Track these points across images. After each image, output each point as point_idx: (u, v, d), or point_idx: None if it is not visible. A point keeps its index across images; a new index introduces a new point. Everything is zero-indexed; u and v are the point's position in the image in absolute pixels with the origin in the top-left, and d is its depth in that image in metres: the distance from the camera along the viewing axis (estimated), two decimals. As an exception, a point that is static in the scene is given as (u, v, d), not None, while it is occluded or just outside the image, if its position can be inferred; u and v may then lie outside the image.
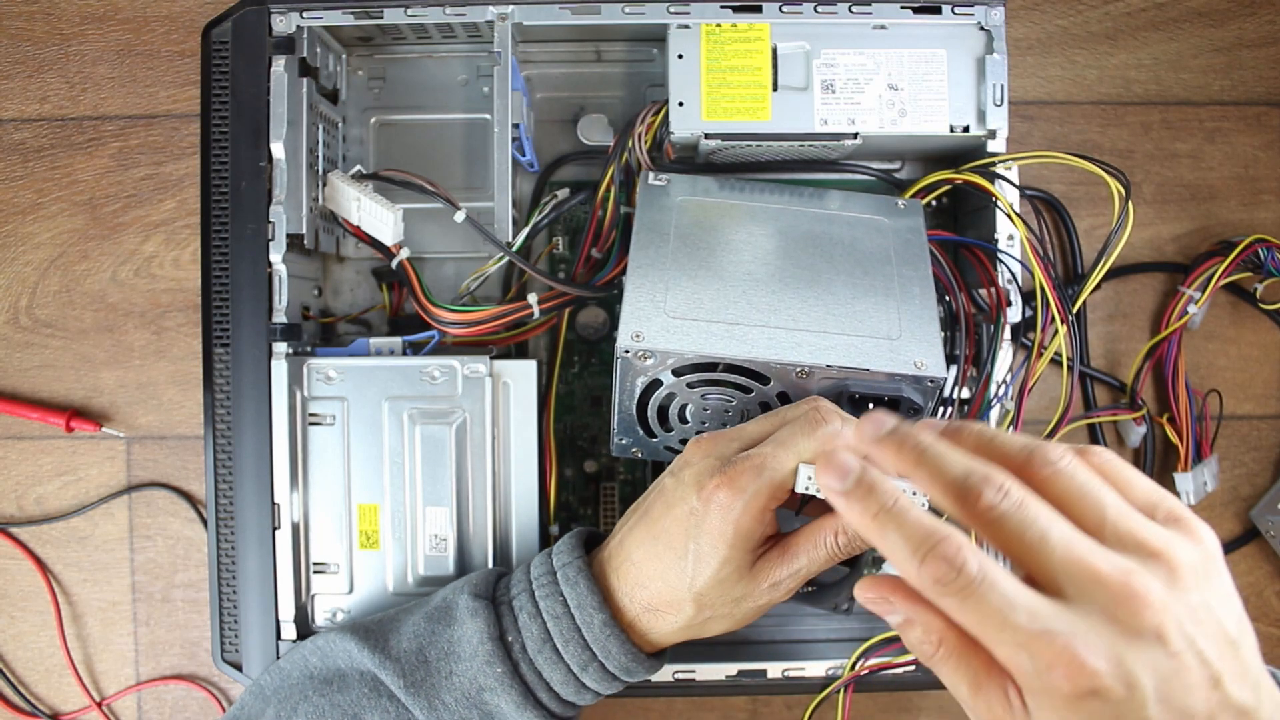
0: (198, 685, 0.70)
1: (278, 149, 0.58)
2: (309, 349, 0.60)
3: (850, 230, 0.57)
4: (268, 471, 0.58)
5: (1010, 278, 0.59)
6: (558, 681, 0.49)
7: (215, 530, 0.60)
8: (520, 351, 0.66)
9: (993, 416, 0.59)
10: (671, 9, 0.59)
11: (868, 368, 0.49)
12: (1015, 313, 0.59)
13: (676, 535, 0.47)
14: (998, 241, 0.59)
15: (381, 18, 0.60)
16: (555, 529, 0.63)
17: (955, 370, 0.59)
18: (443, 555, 0.58)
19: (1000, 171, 0.59)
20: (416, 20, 0.60)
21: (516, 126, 0.59)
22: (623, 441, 0.55)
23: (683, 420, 0.53)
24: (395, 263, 0.60)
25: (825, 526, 0.46)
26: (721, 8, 0.59)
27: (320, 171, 0.62)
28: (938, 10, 0.59)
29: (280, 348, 0.58)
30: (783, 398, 0.51)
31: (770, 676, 0.59)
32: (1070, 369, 0.57)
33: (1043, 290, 0.57)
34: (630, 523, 0.50)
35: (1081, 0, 0.71)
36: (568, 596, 0.49)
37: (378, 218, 0.59)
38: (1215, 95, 0.71)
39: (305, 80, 0.59)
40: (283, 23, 0.59)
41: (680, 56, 0.59)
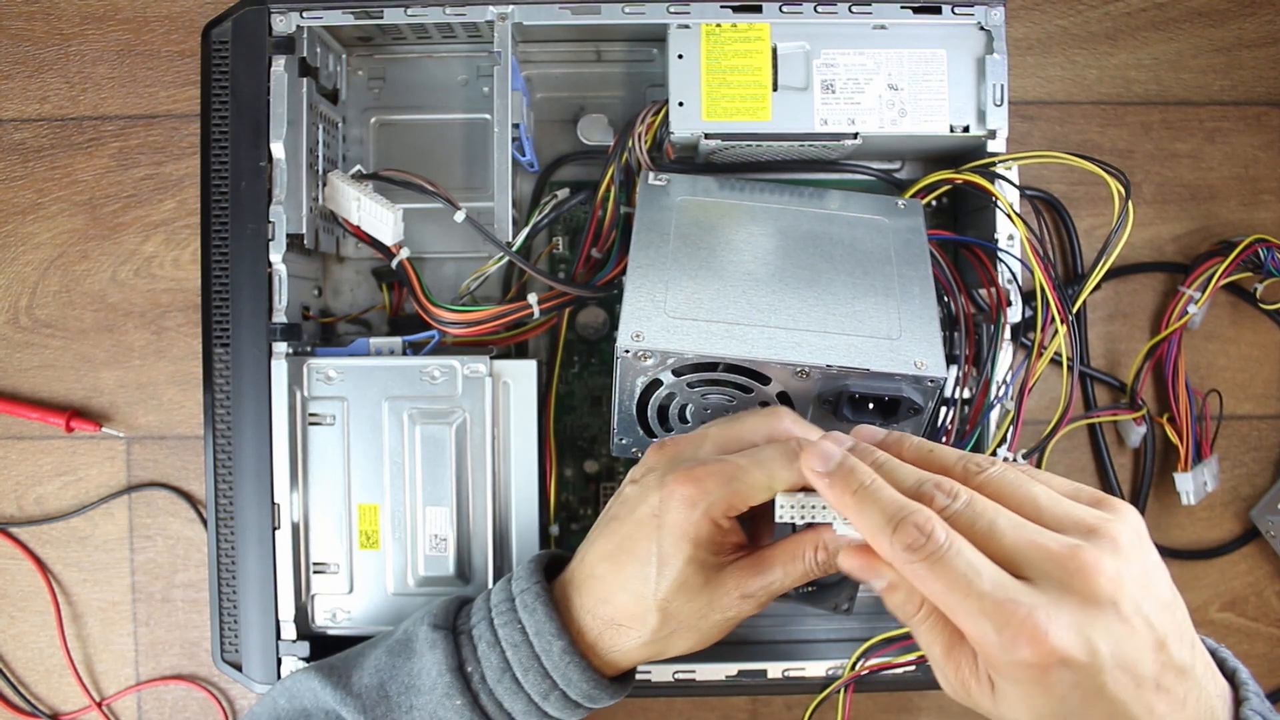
0: (198, 685, 0.70)
1: (278, 149, 0.58)
2: (309, 349, 0.60)
3: (850, 230, 0.57)
4: (268, 471, 0.58)
5: (1010, 278, 0.59)
6: (519, 712, 0.47)
7: (215, 530, 0.60)
8: (520, 351, 0.66)
9: (993, 416, 0.59)
10: (671, 9, 0.59)
11: (868, 367, 0.49)
12: (1015, 313, 0.59)
13: (639, 540, 0.45)
14: (997, 242, 0.59)
15: (381, 18, 0.60)
16: (555, 529, 0.63)
17: (955, 370, 0.59)
18: (443, 555, 0.58)
19: (1000, 171, 0.59)
20: (416, 20, 0.60)
21: (516, 126, 0.59)
22: (623, 441, 0.55)
23: (683, 420, 0.53)
24: (395, 263, 0.61)
25: (806, 541, 0.46)
26: (721, 8, 0.59)
27: (320, 171, 0.62)
28: (938, 10, 0.59)
29: (280, 348, 0.58)
30: (783, 397, 0.51)
31: (770, 676, 0.59)
32: (1070, 369, 0.57)
33: (1043, 290, 0.57)
34: (592, 537, 0.49)
35: (1081, 0, 0.71)
36: (526, 623, 0.47)
37: (378, 218, 0.59)
38: (1215, 95, 0.71)
39: (305, 80, 0.59)
40: (283, 23, 0.59)
41: (680, 56, 0.59)
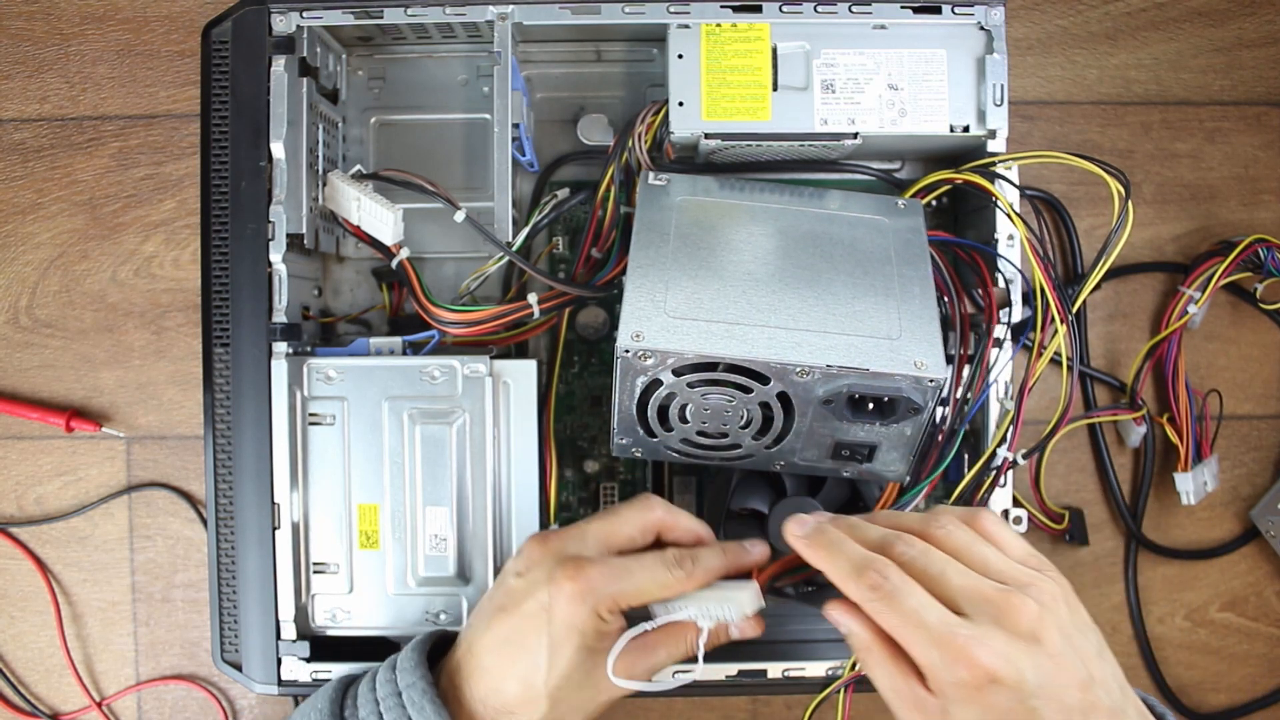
0: (198, 685, 0.70)
1: (278, 149, 0.58)
2: (309, 349, 0.60)
3: (850, 230, 0.57)
4: (268, 471, 0.58)
5: (1010, 278, 0.59)
6: None
7: (215, 530, 0.60)
8: (520, 351, 0.66)
9: (992, 416, 0.59)
10: (671, 9, 0.59)
11: (867, 367, 0.49)
12: (1015, 313, 0.59)
13: (528, 632, 0.48)
14: (997, 243, 0.59)
15: (381, 18, 0.60)
16: (555, 529, 0.63)
17: (953, 371, 0.59)
18: (443, 555, 0.58)
19: (1000, 171, 0.59)
20: (416, 20, 0.60)
21: (516, 126, 0.59)
22: (623, 441, 0.55)
23: (683, 420, 0.53)
24: (395, 263, 0.60)
25: (689, 625, 0.50)
26: (721, 8, 0.59)
27: (320, 171, 0.62)
28: (938, 10, 0.59)
29: (280, 348, 0.58)
30: (782, 398, 0.51)
31: (770, 676, 0.59)
32: (1070, 369, 0.57)
33: (1042, 290, 0.57)
34: (478, 627, 0.50)
35: (1081, 0, 0.71)
36: None
37: (378, 218, 0.59)
38: (1215, 95, 0.71)
39: (305, 80, 0.59)
40: (283, 23, 0.59)
41: (680, 56, 0.59)
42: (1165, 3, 0.71)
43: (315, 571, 0.59)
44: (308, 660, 0.58)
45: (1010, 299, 0.59)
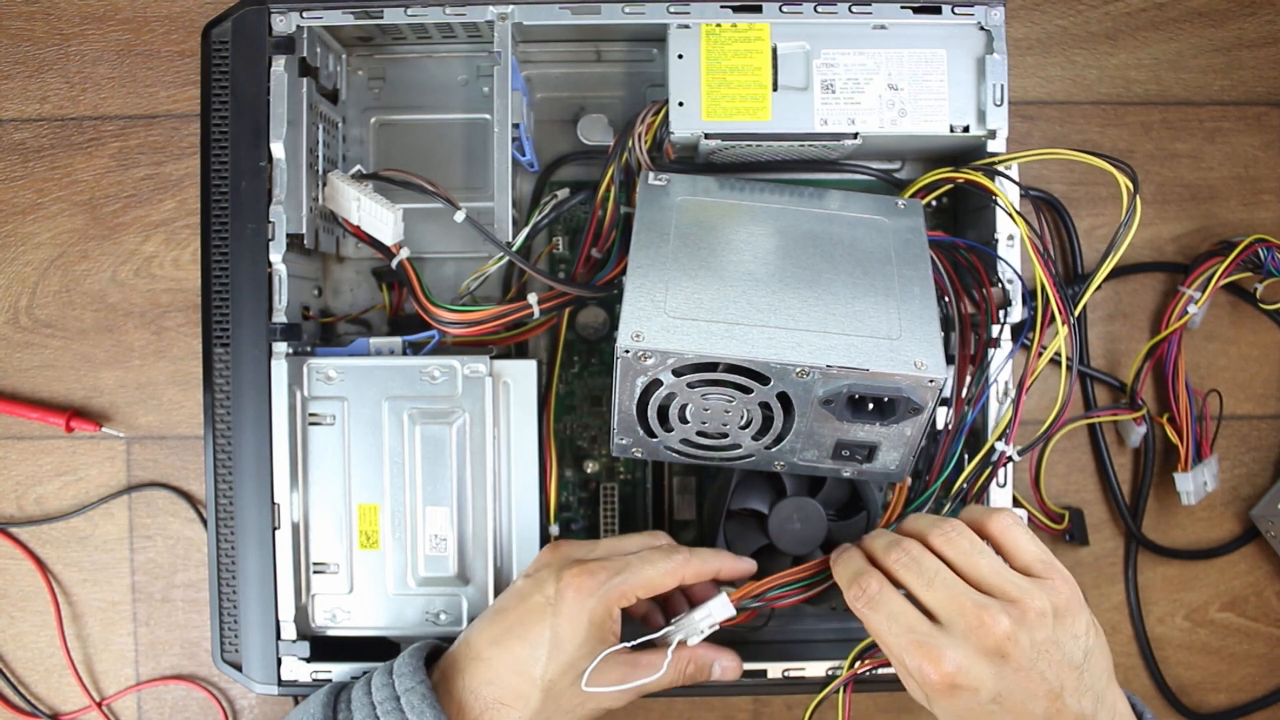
0: (198, 685, 0.70)
1: (278, 149, 0.58)
2: (309, 349, 0.60)
3: (850, 230, 0.57)
4: (268, 471, 0.58)
5: (1011, 278, 0.59)
6: None
7: (215, 530, 0.60)
8: (520, 351, 0.66)
9: (992, 415, 0.59)
10: (671, 9, 0.59)
11: (867, 368, 0.49)
12: (1016, 313, 0.59)
13: (531, 625, 0.50)
14: (997, 243, 0.59)
15: (381, 18, 0.60)
16: (555, 529, 0.63)
17: (954, 371, 0.59)
18: (443, 555, 0.58)
19: (1001, 170, 0.59)
20: (416, 20, 0.60)
21: (516, 126, 0.59)
22: (623, 441, 0.55)
23: (683, 420, 0.53)
24: (395, 263, 0.60)
25: (684, 655, 0.53)
26: (721, 8, 0.59)
27: (320, 171, 0.62)
28: (938, 10, 0.59)
29: (280, 348, 0.58)
30: (782, 398, 0.51)
31: (770, 676, 0.59)
32: (1069, 368, 0.57)
33: (1043, 289, 0.57)
34: (479, 624, 0.52)
35: (1081, 0, 0.71)
36: None
37: (378, 218, 0.59)
38: (1215, 95, 0.71)
39: (305, 80, 0.59)
40: (283, 23, 0.59)
41: (680, 56, 0.59)
42: (1165, 3, 0.71)
43: (315, 571, 0.59)
44: (308, 660, 0.58)
45: (1010, 299, 0.59)
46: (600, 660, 0.50)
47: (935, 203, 0.65)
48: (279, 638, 0.58)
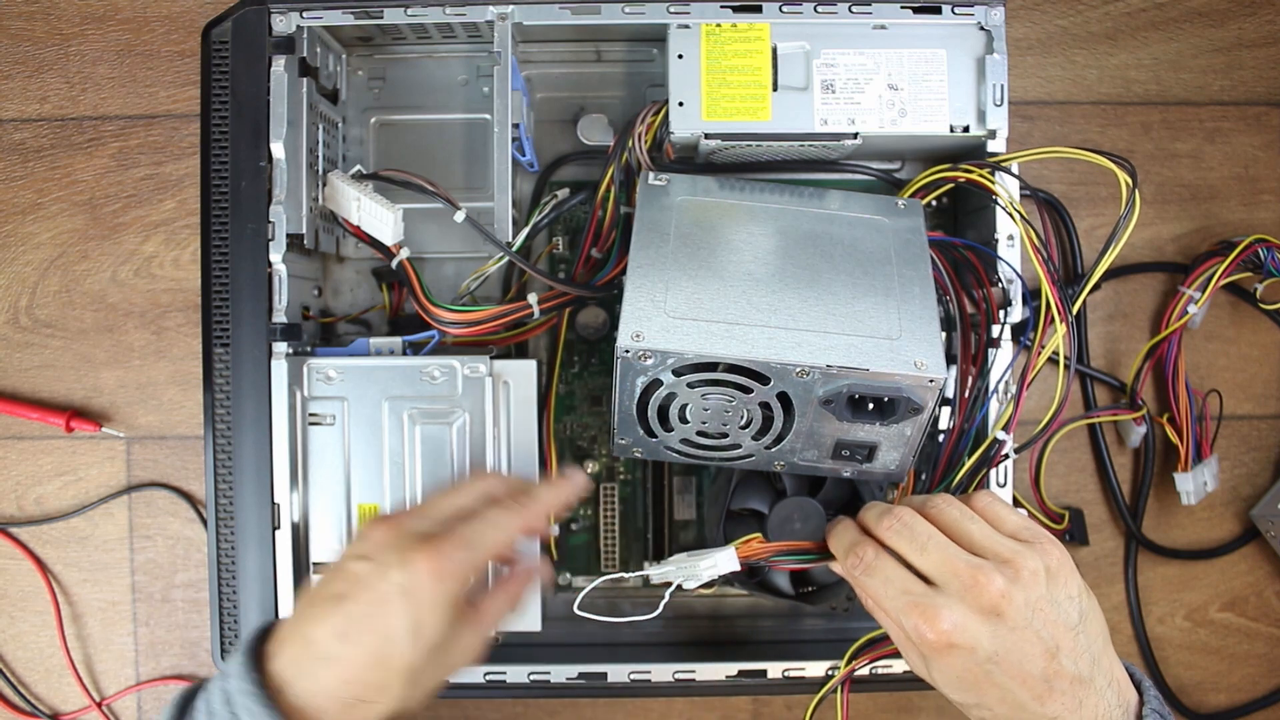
0: (198, 685, 0.70)
1: (278, 149, 0.58)
2: (309, 349, 0.60)
3: (850, 230, 0.57)
4: (268, 471, 0.58)
5: (1011, 278, 0.59)
6: None
7: (215, 530, 0.60)
8: (520, 351, 0.66)
9: (991, 415, 0.59)
10: (671, 9, 0.59)
11: (868, 367, 0.49)
12: (1016, 313, 0.59)
13: (384, 615, 0.46)
14: (997, 243, 0.59)
15: (381, 18, 0.60)
16: (555, 529, 0.63)
17: (956, 371, 0.59)
18: (443, 555, 0.58)
19: (1001, 169, 0.59)
20: (416, 20, 0.60)
21: (516, 126, 0.59)
22: (623, 441, 0.55)
23: (683, 420, 0.53)
24: (395, 263, 0.60)
25: (517, 577, 0.55)
26: (721, 8, 0.59)
27: (320, 171, 0.62)
28: (938, 10, 0.59)
29: (280, 348, 0.58)
30: (782, 398, 0.51)
31: (770, 676, 0.59)
32: (1067, 368, 0.57)
33: (1042, 288, 0.57)
34: (314, 617, 0.47)
35: (1081, 0, 0.71)
36: None
37: (378, 218, 0.59)
38: (1215, 95, 0.71)
39: (305, 80, 0.59)
40: (283, 23, 0.59)
41: (680, 56, 0.59)
42: (1165, 3, 0.71)
43: (315, 571, 0.59)
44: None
45: (1010, 299, 0.59)
46: (459, 626, 0.48)
47: (935, 203, 0.65)
48: (279, 638, 0.58)
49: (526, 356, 0.66)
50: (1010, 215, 0.58)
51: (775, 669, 0.59)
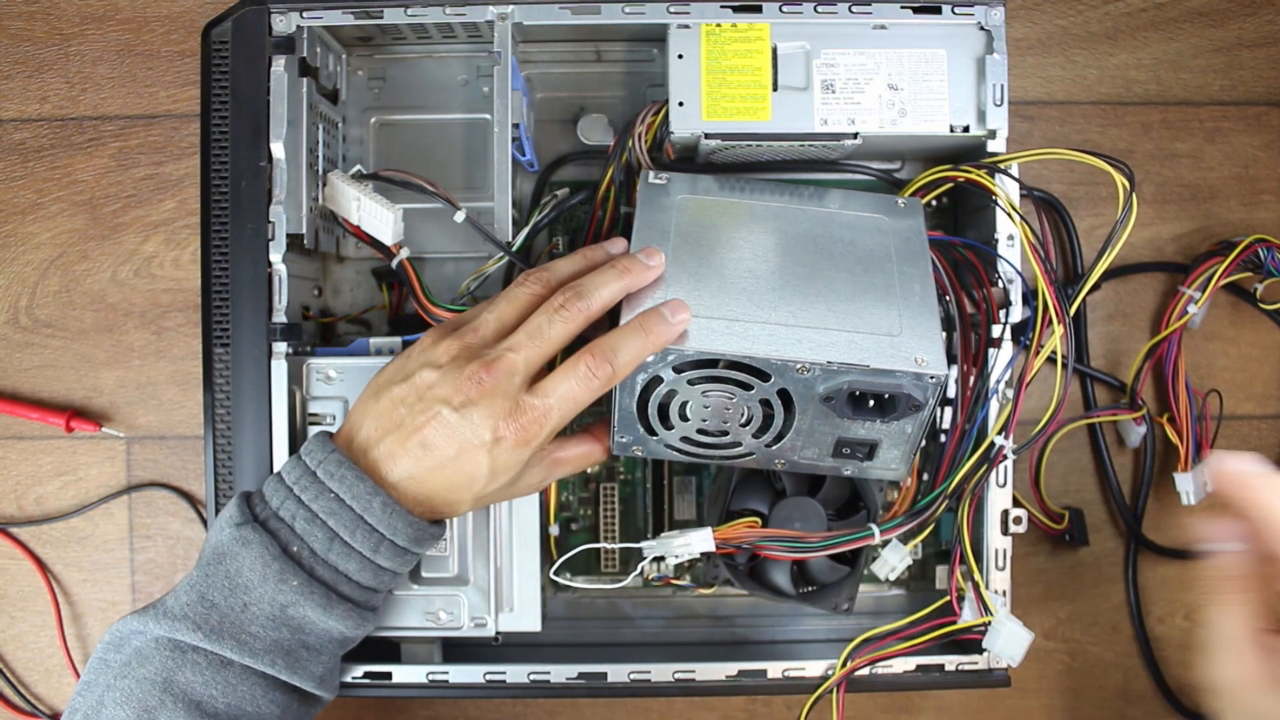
0: (197, 686, 0.70)
1: (278, 149, 0.58)
2: (309, 349, 0.60)
3: (850, 229, 0.57)
4: (268, 471, 0.58)
5: (1011, 277, 0.59)
6: (354, 571, 0.50)
7: (215, 530, 0.59)
8: (520, 351, 0.66)
9: (991, 414, 0.59)
10: (671, 9, 0.59)
11: (868, 364, 0.49)
12: (1016, 312, 0.59)
13: (466, 463, 0.49)
14: (997, 243, 0.59)
15: (381, 18, 0.60)
16: (555, 529, 0.63)
17: (957, 371, 0.59)
18: (442, 555, 0.58)
19: (1001, 169, 0.59)
20: (416, 20, 0.60)
21: (516, 126, 0.59)
22: (623, 440, 0.55)
23: (683, 418, 0.53)
24: (395, 263, 0.60)
25: (596, 430, 0.57)
26: (721, 8, 0.59)
27: (320, 171, 0.62)
28: (938, 10, 0.59)
29: (280, 348, 0.58)
30: (783, 395, 0.51)
31: (770, 676, 0.59)
32: (1065, 367, 0.57)
33: (1040, 289, 0.57)
34: (396, 443, 0.50)
35: (1081, 0, 0.71)
36: (338, 490, 0.49)
37: (378, 218, 0.59)
38: (1215, 95, 0.71)
39: (305, 80, 0.59)
40: (283, 23, 0.59)
41: (680, 56, 0.59)
42: (1165, 3, 0.71)
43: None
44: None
45: (1010, 299, 0.59)
46: (531, 463, 0.52)
47: (935, 202, 0.66)
48: (279, 637, 0.58)
49: (526, 356, 0.66)
50: (1009, 216, 0.58)
51: (775, 669, 0.59)
